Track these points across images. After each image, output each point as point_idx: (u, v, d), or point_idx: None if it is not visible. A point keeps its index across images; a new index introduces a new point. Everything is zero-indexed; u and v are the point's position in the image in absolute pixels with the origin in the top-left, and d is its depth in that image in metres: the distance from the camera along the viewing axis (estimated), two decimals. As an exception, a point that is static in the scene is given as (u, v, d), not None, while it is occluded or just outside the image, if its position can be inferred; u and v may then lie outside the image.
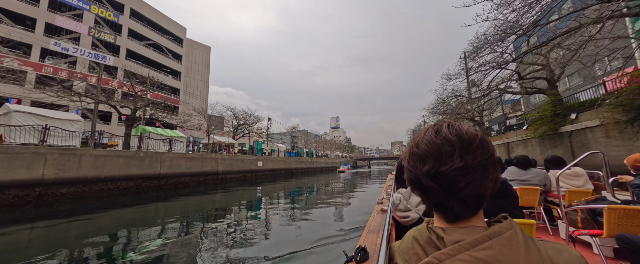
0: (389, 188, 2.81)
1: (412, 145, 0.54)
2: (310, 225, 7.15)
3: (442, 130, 0.50)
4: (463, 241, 0.44)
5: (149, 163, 14.55)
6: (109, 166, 12.39)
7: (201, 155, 18.89)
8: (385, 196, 2.13)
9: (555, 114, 9.59)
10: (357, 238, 4.45)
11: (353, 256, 0.87)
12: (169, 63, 33.99)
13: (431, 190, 0.48)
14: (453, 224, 0.49)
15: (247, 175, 23.94)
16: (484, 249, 0.42)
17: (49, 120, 10.39)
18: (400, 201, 1.42)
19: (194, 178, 17.75)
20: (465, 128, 0.49)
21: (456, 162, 0.46)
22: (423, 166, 0.49)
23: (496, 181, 0.48)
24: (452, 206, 0.47)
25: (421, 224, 0.55)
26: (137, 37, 30.17)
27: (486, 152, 0.47)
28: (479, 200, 0.47)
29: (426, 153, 0.49)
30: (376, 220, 1.38)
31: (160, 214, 8.57)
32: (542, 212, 3.05)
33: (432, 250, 0.47)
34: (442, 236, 0.47)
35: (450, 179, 0.46)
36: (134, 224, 7.21)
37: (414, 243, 0.51)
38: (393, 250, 0.58)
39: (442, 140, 0.49)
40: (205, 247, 5.44)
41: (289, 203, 11.01)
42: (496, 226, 0.45)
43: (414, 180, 0.51)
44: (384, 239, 0.77)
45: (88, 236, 6.06)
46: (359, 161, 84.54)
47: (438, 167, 0.47)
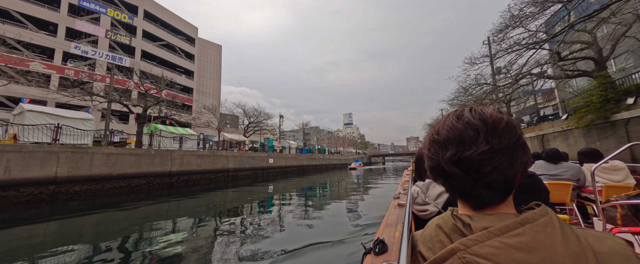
0: (405, 183, 2.76)
1: (432, 133, 0.51)
2: (325, 221, 7.13)
3: (464, 115, 0.48)
4: (492, 228, 0.42)
5: (160, 160, 14.67)
6: (121, 164, 12.55)
7: (212, 152, 18.94)
8: (402, 191, 2.05)
9: (606, 99, 8.21)
10: (374, 232, 4.36)
11: (371, 248, 0.85)
12: (182, 63, 34.72)
13: (455, 177, 0.46)
14: (480, 212, 0.47)
15: (258, 172, 23.89)
16: (516, 235, 0.39)
17: (61, 119, 10.61)
18: (418, 194, 1.38)
19: (205, 175, 17.83)
20: (489, 112, 0.47)
21: (481, 146, 0.44)
22: (445, 153, 0.47)
23: (526, 165, 0.46)
24: (478, 193, 0.45)
25: (445, 213, 0.52)
26: (151, 38, 30.99)
27: (513, 135, 0.45)
28: (507, 185, 0.45)
29: (448, 139, 0.47)
30: (393, 214, 1.34)
31: (173, 211, 8.55)
32: (575, 209, 2.86)
33: (458, 237, 0.45)
34: (469, 223, 0.45)
35: (475, 164, 0.44)
36: (147, 220, 7.22)
37: (437, 230, 0.49)
38: (415, 239, 0.55)
39: (464, 124, 0.46)
40: (221, 242, 5.46)
41: (302, 200, 10.87)
42: (528, 213, 0.42)
43: (436, 167, 0.49)
44: (405, 229, 0.69)
45: (103, 232, 6.14)
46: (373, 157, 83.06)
47: (461, 152, 0.45)
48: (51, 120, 10.32)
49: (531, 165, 2.92)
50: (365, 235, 5.61)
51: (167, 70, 32.21)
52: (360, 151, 78.98)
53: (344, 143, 61.77)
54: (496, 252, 0.39)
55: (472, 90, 13.93)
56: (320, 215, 7.92)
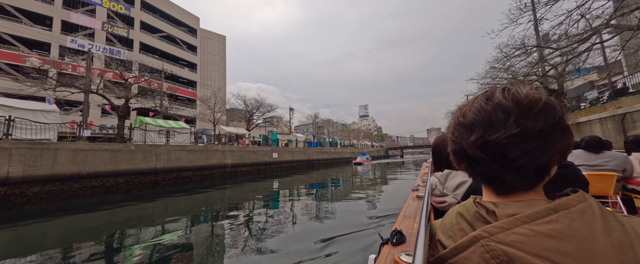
0: (424, 175, 2.49)
1: (457, 116, 0.48)
2: (339, 214, 6.99)
3: (494, 96, 0.44)
4: (520, 215, 0.39)
5: (142, 157, 13.34)
6: (93, 161, 11.28)
7: (205, 147, 17.52)
8: (421, 183, 1.91)
9: None
10: (391, 224, 4.20)
11: (388, 238, 0.84)
12: (184, 55, 33.78)
13: (480, 161, 0.43)
14: (505, 197, 0.44)
15: (260, 167, 22.35)
16: (548, 222, 0.37)
17: (14, 110, 9.34)
18: (436, 186, 1.26)
19: (198, 172, 16.46)
20: (524, 91, 0.42)
21: (511, 129, 0.40)
22: (469, 136, 0.44)
23: (564, 151, 0.42)
24: (503, 178, 0.42)
25: (466, 201, 0.50)
26: (150, 30, 30.15)
27: (552, 117, 0.41)
28: (539, 171, 0.41)
29: (474, 121, 0.44)
30: (412, 205, 1.29)
31: (158, 212, 7.85)
32: (620, 202, 2.60)
33: (481, 225, 0.42)
34: (493, 210, 0.43)
35: (502, 148, 0.40)
36: (126, 224, 6.55)
37: (458, 218, 0.47)
38: (434, 228, 0.52)
39: (494, 106, 0.43)
40: (225, 240, 5.24)
41: (312, 195, 10.38)
42: (563, 199, 0.39)
43: (459, 151, 0.46)
44: (423, 218, 0.65)
45: (68, 239, 5.52)
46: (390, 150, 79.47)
47: (487, 136, 0.42)
48: (1, 111, 9.05)
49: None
50: (381, 226, 5.47)
51: (169, 63, 31.40)
52: (376, 143, 75.70)
53: (358, 136, 58.94)
54: (524, 240, 0.36)
55: (514, 60, 10.86)
56: (334, 209, 7.67)
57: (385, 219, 6.04)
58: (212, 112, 20.80)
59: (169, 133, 15.35)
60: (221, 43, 40.66)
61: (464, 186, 1.15)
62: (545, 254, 0.34)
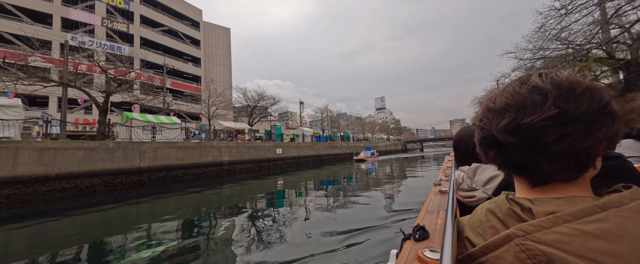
0: (447, 169, 2.31)
1: (487, 103, 0.45)
2: (356, 209, 6.89)
3: (530, 80, 0.41)
4: (561, 212, 0.35)
5: (123, 155, 12.31)
6: (63, 161, 10.32)
7: (198, 143, 16.33)
8: (444, 177, 1.79)
9: None
10: (412, 220, 4.51)
11: (410, 233, 0.80)
12: (187, 50, 33.15)
13: (511, 147, 0.39)
14: (542, 191, 0.41)
15: (262, 164, 21.00)
16: (595, 221, 0.33)
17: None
18: (464, 180, 1.19)
19: (190, 170, 15.34)
20: (565, 74, 0.39)
21: (548, 111, 0.36)
22: (500, 121, 0.40)
23: (612, 138, 0.37)
24: (539, 166, 0.38)
25: (497, 197, 0.46)
26: (150, 24, 29.68)
27: (597, 100, 0.37)
28: (580, 160, 0.37)
29: (506, 106, 0.40)
30: (434, 200, 1.24)
31: (143, 215, 7.37)
32: None
33: (515, 223, 0.39)
34: (529, 208, 0.39)
35: (536, 132, 0.37)
36: (104, 230, 6.05)
37: (488, 215, 0.43)
38: (461, 224, 0.50)
39: (529, 89, 0.39)
40: (229, 238, 5.08)
41: (323, 192, 10.04)
42: (614, 195, 0.35)
43: (487, 138, 0.43)
44: (450, 214, 0.60)
45: (35, 248, 4.97)
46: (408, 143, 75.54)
47: (520, 119, 0.38)
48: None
49: None
50: (401, 221, 5.43)
51: (172, 58, 30.90)
52: (392, 136, 72.20)
53: (373, 129, 56.09)
54: (567, 240, 0.33)
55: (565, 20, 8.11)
56: (350, 204, 7.55)
57: (405, 214, 5.93)
58: (207, 106, 19.58)
59: (155, 129, 14.21)
60: (226, 36, 39.68)
61: (495, 181, 1.07)
62: (591, 256, 0.31)
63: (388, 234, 4.65)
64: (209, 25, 37.88)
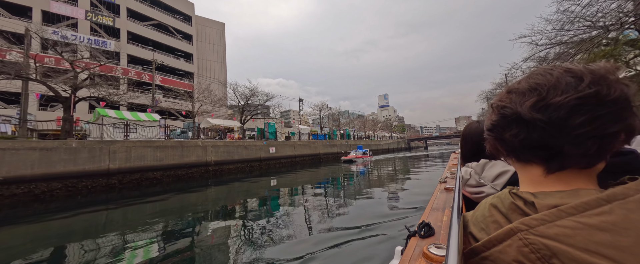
0: (453, 167, 2.34)
1: (508, 86, 0.43)
2: (359, 208, 6.81)
3: (560, 66, 0.39)
4: (564, 206, 0.35)
5: (89, 156, 11.10)
6: (12, 163, 9.14)
7: (180, 142, 15.08)
8: (449, 175, 1.80)
9: None
10: (416, 218, 4.48)
11: (416, 230, 0.81)
12: (178, 45, 31.95)
13: (535, 125, 0.37)
14: (547, 183, 0.40)
15: (253, 164, 19.77)
16: (599, 214, 0.33)
17: None
18: (471, 175, 1.17)
19: (170, 172, 14.14)
20: (600, 63, 0.38)
21: (584, 90, 0.35)
22: (528, 99, 0.38)
23: (631, 131, 0.37)
24: (560, 147, 0.37)
25: (500, 192, 0.47)
26: (138, 18, 28.49)
27: (627, 91, 0.36)
28: (603, 145, 0.35)
29: (536, 85, 0.38)
30: (440, 198, 1.25)
31: (112, 222, 6.76)
32: None
33: (518, 217, 0.39)
34: (532, 201, 0.39)
35: (566, 111, 0.35)
36: (62, 239, 5.43)
37: (492, 210, 0.44)
38: (465, 220, 0.50)
39: (561, 72, 0.38)
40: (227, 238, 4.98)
41: (323, 190, 9.78)
42: (618, 188, 0.35)
43: (507, 116, 0.40)
44: (455, 210, 0.62)
45: None
46: (412, 141, 73.75)
47: (551, 98, 0.36)
48: None
49: None
50: (406, 218, 5.44)
51: (163, 54, 29.73)
52: (395, 134, 70.43)
53: (375, 126, 54.45)
54: (570, 233, 0.32)
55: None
56: (353, 203, 7.44)
57: (410, 212, 5.96)
58: (192, 103, 18.33)
59: (128, 126, 12.97)
60: (220, 31, 38.40)
61: (504, 176, 1.03)
62: (596, 249, 0.31)
63: (392, 231, 4.64)
64: (202, 20, 36.62)
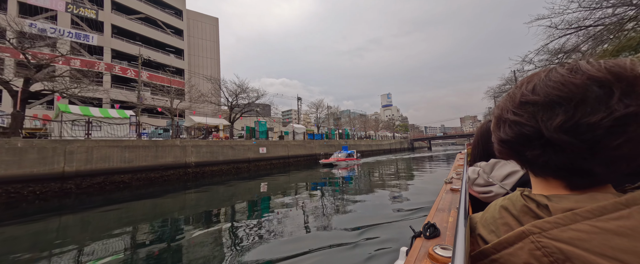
0: (459, 167, 2.29)
1: (520, 93, 0.39)
2: (364, 208, 6.77)
3: (581, 67, 0.35)
4: (580, 209, 0.34)
5: (39, 157, 9.74)
6: None
7: (153, 142, 13.68)
8: (455, 175, 1.79)
9: None
10: (421, 219, 4.40)
11: (421, 231, 0.80)
12: (168, 40, 30.73)
13: (564, 146, 0.34)
14: (573, 192, 0.38)
15: (241, 166, 18.37)
16: (617, 219, 0.31)
17: None
18: (479, 175, 1.16)
19: (141, 174, 12.76)
20: (624, 62, 0.34)
21: (618, 110, 0.31)
22: (553, 118, 0.34)
23: None
24: (590, 169, 0.35)
25: (512, 194, 0.45)
26: (124, 11, 27.30)
27: None
28: (633, 165, 0.34)
29: (559, 99, 0.34)
30: (445, 198, 1.24)
31: (68, 229, 6.16)
32: None
33: (530, 220, 0.38)
34: (546, 204, 0.38)
35: (601, 134, 0.32)
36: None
37: (502, 212, 0.43)
38: (474, 221, 0.48)
39: (585, 79, 0.33)
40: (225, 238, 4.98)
41: (323, 190, 9.65)
42: (637, 192, 0.33)
43: (529, 135, 0.37)
44: (462, 211, 0.63)
45: None
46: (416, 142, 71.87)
47: (582, 117, 0.33)
48: None
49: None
50: (410, 220, 5.46)
51: (151, 49, 28.52)
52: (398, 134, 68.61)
53: (376, 126, 52.78)
54: (586, 237, 0.31)
55: None
56: (356, 203, 7.39)
57: (414, 213, 5.96)
58: (170, 99, 16.97)
59: (90, 124, 11.60)
60: (213, 26, 37.15)
61: (514, 176, 1.01)
62: (613, 254, 0.30)
63: (397, 232, 4.65)
64: (194, 15, 35.39)
